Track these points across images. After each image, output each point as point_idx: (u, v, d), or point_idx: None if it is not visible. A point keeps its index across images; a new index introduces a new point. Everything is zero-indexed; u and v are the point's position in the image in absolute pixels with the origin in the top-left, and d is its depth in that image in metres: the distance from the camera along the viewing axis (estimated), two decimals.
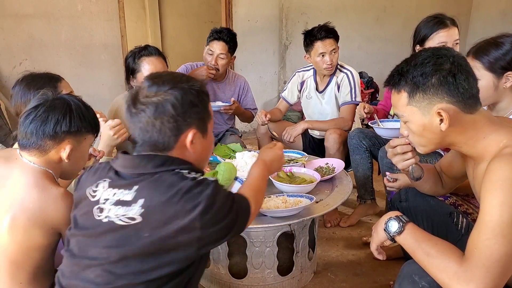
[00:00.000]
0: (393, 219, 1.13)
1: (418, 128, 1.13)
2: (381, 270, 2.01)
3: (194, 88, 1.02)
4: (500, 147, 1.05)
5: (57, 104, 1.19)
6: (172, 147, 1.01)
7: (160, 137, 0.99)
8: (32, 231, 1.12)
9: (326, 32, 2.45)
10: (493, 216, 0.95)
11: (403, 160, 1.33)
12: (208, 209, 0.91)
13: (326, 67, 2.50)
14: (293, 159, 2.21)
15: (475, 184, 1.18)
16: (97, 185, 1.01)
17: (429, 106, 1.08)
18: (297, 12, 4.53)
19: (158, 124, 0.97)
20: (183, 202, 0.91)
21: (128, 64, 2.15)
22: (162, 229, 0.90)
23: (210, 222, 0.92)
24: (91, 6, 3.64)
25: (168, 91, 0.98)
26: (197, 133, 1.03)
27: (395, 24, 5.08)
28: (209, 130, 1.09)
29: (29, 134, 1.16)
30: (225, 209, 0.96)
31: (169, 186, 0.93)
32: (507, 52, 1.47)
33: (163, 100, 0.97)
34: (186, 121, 1.00)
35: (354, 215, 2.52)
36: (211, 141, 1.12)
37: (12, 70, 3.41)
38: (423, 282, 1.06)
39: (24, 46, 3.44)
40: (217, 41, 2.57)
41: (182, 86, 1.01)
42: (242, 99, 2.87)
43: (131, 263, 0.92)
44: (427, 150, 1.19)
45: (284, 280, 1.84)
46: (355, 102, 2.54)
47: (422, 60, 1.10)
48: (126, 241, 0.92)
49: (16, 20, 3.37)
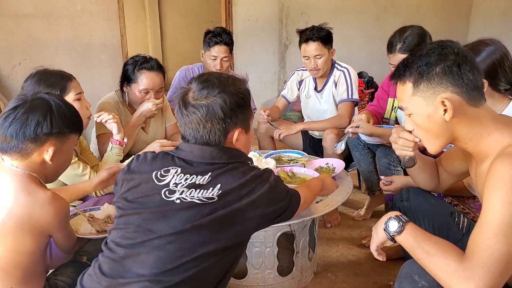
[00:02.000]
0: (393, 219, 1.13)
1: (422, 120, 1.13)
2: (381, 270, 2.01)
3: (240, 91, 1.15)
4: (504, 146, 1.04)
5: (37, 105, 1.13)
6: (222, 143, 1.14)
7: (211, 136, 1.12)
8: (21, 236, 1.09)
9: (311, 35, 2.43)
10: (495, 215, 0.95)
11: (401, 150, 1.32)
12: (273, 189, 1.12)
13: (310, 69, 2.52)
14: (293, 159, 2.21)
15: (478, 183, 1.18)
16: (167, 171, 1.11)
17: (433, 96, 1.08)
18: (297, 12, 4.53)
19: (208, 126, 1.11)
20: (256, 183, 1.10)
21: (127, 70, 2.12)
22: (236, 204, 1.06)
23: (273, 200, 1.13)
24: (90, 6, 3.63)
25: (217, 95, 1.10)
26: (242, 130, 1.17)
27: (395, 24, 5.02)
28: (250, 126, 1.23)
29: (9, 137, 1.10)
30: (284, 193, 1.18)
31: (243, 173, 1.11)
32: (482, 60, 1.49)
33: (213, 104, 1.10)
34: (233, 121, 1.13)
35: (366, 208, 2.56)
36: (252, 134, 1.27)
37: (12, 70, 3.41)
38: (423, 282, 1.06)
39: (23, 46, 3.43)
40: (218, 45, 2.57)
41: (229, 90, 1.13)
42: None
43: (201, 232, 1.04)
44: (436, 146, 1.16)
45: (284, 281, 1.84)
46: (351, 99, 2.54)
47: (427, 51, 1.11)
48: (200, 215, 1.04)
49: (15, 20, 3.36)
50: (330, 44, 2.50)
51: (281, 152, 2.31)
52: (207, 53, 2.62)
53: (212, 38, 2.57)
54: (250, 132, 1.24)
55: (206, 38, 2.61)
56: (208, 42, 2.59)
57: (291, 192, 1.23)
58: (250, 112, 1.20)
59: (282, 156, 2.26)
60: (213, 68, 2.60)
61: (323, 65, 2.49)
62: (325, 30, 2.47)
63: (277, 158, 2.21)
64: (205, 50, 2.63)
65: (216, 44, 2.56)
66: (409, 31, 2.13)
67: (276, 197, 1.15)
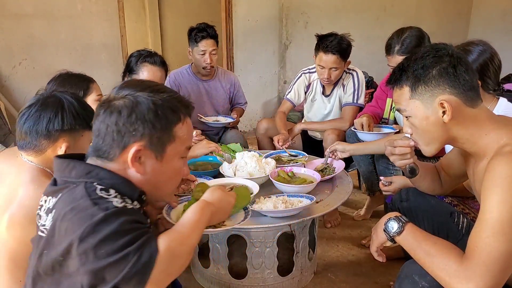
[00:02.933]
0: (393, 220, 1.13)
1: (421, 123, 1.13)
2: (381, 270, 2.01)
3: (155, 102, 0.89)
4: (501, 145, 1.05)
5: (49, 103, 1.18)
6: (113, 158, 0.90)
7: (103, 144, 0.90)
8: (29, 228, 1.09)
9: (332, 48, 2.35)
10: (493, 214, 0.96)
11: (400, 159, 1.35)
12: (88, 236, 0.77)
13: (322, 78, 2.50)
14: (293, 159, 2.21)
15: (475, 183, 1.18)
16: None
17: (431, 98, 1.09)
18: (297, 12, 4.53)
19: (103, 130, 0.89)
20: (72, 222, 0.80)
21: (130, 62, 2.17)
22: (54, 247, 0.83)
23: (91, 252, 0.77)
24: (91, 6, 3.63)
25: (123, 98, 0.90)
26: (146, 151, 0.90)
27: (395, 24, 5.02)
28: (170, 154, 0.93)
29: (23, 134, 1.16)
30: (113, 246, 0.77)
31: (72, 201, 0.83)
32: (473, 61, 1.50)
33: (113, 106, 0.89)
34: (131, 133, 0.88)
35: (366, 208, 2.56)
36: (174, 169, 0.96)
37: (12, 70, 3.41)
38: (423, 282, 1.06)
39: (23, 45, 3.43)
40: (205, 40, 2.58)
41: (139, 95, 0.90)
42: (234, 95, 2.91)
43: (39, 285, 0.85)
44: (432, 148, 1.17)
45: (284, 281, 1.84)
46: (356, 104, 2.53)
47: (422, 55, 1.12)
48: (37, 255, 0.86)
49: (15, 20, 3.36)
50: (348, 56, 2.44)
51: (281, 152, 2.31)
52: (195, 49, 2.63)
53: (198, 33, 2.59)
54: (169, 164, 0.94)
55: (191, 34, 2.63)
56: (195, 38, 2.60)
57: (142, 244, 0.80)
58: (168, 136, 0.92)
59: (282, 156, 2.26)
60: (203, 63, 2.62)
61: (336, 77, 2.47)
62: (347, 42, 2.40)
63: (277, 158, 2.21)
64: (192, 47, 2.65)
65: (203, 38, 2.58)
66: (407, 33, 2.12)
67: (97, 249, 0.78)
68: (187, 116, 0.97)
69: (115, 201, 0.83)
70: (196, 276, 1.99)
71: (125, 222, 0.79)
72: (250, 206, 1.63)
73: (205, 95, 2.79)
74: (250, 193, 1.39)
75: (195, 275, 2.00)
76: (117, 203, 0.83)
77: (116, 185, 0.88)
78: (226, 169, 1.94)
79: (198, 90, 2.78)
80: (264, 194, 1.75)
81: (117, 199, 0.85)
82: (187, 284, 1.96)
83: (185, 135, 0.96)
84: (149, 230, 0.83)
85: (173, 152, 0.94)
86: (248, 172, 1.87)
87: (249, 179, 1.80)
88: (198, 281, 1.96)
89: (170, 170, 0.96)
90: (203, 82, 2.78)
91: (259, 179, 1.83)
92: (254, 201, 1.68)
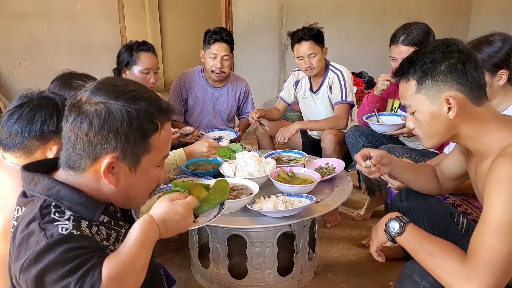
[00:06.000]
0: (394, 220, 1.13)
1: (425, 118, 1.13)
2: (381, 270, 2.01)
3: (129, 113, 0.83)
4: (504, 145, 1.04)
5: (44, 103, 1.15)
6: (84, 169, 0.87)
7: (74, 153, 0.86)
8: None
9: (303, 35, 2.43)
10: (496, 215, 0.95)
11: (369, 175, 1.41)
12: (31, 266, 0.77)
13: (305, 69, 2.53)
14: (293, 159, 2.21)
15: (478, 182, 1.18)
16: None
17: (437, 94, 1.09)
18: (297, 12, 4.52)
19: (73, 138, 0.85)
20: (20, 247, 0.80)
21: (123, 57, 2.20)
22: (11, 264, 0.82)
23: (34, 282, 0.76)
24: (90, 6, 3.63)
25: (95, 104, 0.84)
26: (119, 163, 0.86)
27: (395, 24, 5.01)
28: (145, 165, 0.90)
29: (13, 134, 1.12)
30: (53, 276, 0.75)
31: (27, 220, 0.82)
32: (499, 49, 1.49)
33: (83, 113, 0.83)
34: (103, 146, 0.84)
35: (366, 208, 2.57)
36: (149, 179, 0.93)
37: (12, 70, 3.41)
38: (424, 283, 1.06)
39: (23, 45, 3.43)
40: (218, 43, 2.53)
41: (113, 104, 0.83)
42: (242, 104, 2.86)
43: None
44: (434, 142, 1.18)
45: (284, 281, 1.84)
46: (345, 102, 2.54)
47: (431, 49, 1.11)
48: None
49: (15, 20, 3.36)
50: (322, 43, 2.51)
51: (281, 152, 2.31)
52: (207, 51, 2.59)
53: (212, 35, 2.55)
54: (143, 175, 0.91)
55: (206, 36, 2.60)
56: (208, 40, 2.56)
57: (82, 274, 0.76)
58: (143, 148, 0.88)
59: (282, 156, 2.26)
60: (214, 67, 2.57)
61: (317, 64, 2.50)
62: (316, 29, 2.48)
63: (277, 158, 2.21)
64: (205, 49, 2.61)
65: (216, 41, 2.53)
66: (414, 26, 2.17)
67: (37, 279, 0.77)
68: (166, 122, 0.92)
69: (63, 226, 0.80)
70: (196, 276, 1.99)
71: (66, 251, 0.76)
72: (250, 206, 1.64)
73: (212, 102, 2.74)
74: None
75: (195, 275, 2.00)
76: (62, 230, 0.79)
77: (75, 206, 0.85)
78: (226, 169, 1.94)
79: (206, 96, 2.72)
80: (264, 194, 1.75)
81: (69, 223, 0.82)
82: (187, 284, 1.96)
83: (163, 143, 0.92)
84: (95, 255, 0.78)
85: (148, 163, 0.90)
86: (248, 172, 1.87)
87: (249, 179, 1.80)
88: (198, 281, 1.96)
89: (145, 181, 0.93)
90: (213, 88, 2.72)
91: (259, 179, 1.83)
92: (254, 201, 1.68)
